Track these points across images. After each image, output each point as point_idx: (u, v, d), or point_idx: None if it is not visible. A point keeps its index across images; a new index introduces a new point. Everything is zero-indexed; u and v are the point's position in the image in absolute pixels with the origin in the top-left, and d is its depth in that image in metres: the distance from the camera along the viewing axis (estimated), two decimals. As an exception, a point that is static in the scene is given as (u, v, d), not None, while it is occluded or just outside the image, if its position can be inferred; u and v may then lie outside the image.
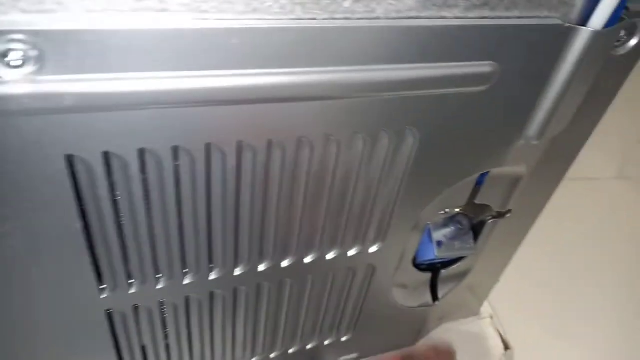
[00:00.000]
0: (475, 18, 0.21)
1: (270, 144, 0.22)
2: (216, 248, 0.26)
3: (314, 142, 0.22)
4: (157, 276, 0.26)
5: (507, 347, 0.45)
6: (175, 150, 0.21)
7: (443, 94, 0.23)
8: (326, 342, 0.37)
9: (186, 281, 0.26)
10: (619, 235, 0.58)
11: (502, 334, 0.46)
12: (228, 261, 0.27)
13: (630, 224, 0.60)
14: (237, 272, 0.27)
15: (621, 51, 0.27)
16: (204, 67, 0.18)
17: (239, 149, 0.22)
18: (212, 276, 0.27)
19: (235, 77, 0.19)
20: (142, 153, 0.20)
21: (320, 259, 0.29)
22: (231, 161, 0.22)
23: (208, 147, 0.21)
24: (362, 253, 0.30)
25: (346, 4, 0.19)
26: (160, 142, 0.20)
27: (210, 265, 0.27)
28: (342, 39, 0.19)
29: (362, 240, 0.30)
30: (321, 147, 0.23)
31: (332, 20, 0.19)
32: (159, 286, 0.26)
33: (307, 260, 0.29)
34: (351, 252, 0.30)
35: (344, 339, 0.37)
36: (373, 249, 0.30)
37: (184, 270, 0.26)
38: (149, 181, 0.21)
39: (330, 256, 0.29)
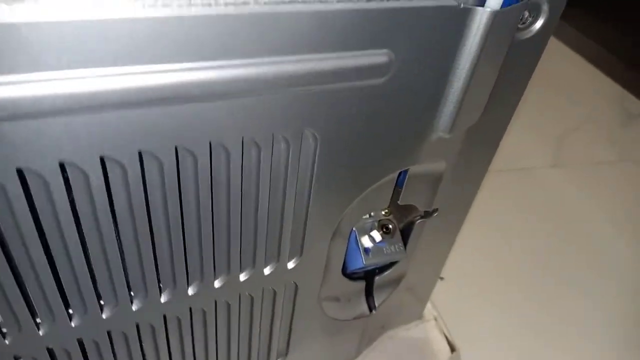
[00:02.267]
0: (363, 1, 0.19)
1: (141, 155, 0.19)
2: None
3: (195, 152, 0.20)
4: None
5: (452, 349, 0.43)
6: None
7: (338, 88, 0.21)
8: (257, 368, 0.34)
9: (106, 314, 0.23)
10: (558, 224, 0.58)
11: (448, 336, 0.44)
12: (121, 296, 0.23)
13: (568, 212, 0.60)
14: (134, 307, 0.24)
15: (527, 34, 0.26)
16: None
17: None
18: (105, 314, 0.24)
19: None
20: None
21: (232, 281, 0.26)
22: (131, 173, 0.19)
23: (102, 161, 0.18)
24: (279, 270, 0.28)
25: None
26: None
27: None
28: (204, 29, 0.17)
29: (277, 257, 0.27)
30: (205, 155, 0.20)
31: (188, 9, 0.16)
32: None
33: (217, 284, 0.26)
34: (267, 271, 0.27)
35: (276, 362, 0.35)
36: (291, 265, 0.28)
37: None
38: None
39: (243, 277, 0.27)
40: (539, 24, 0.26)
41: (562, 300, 0.50)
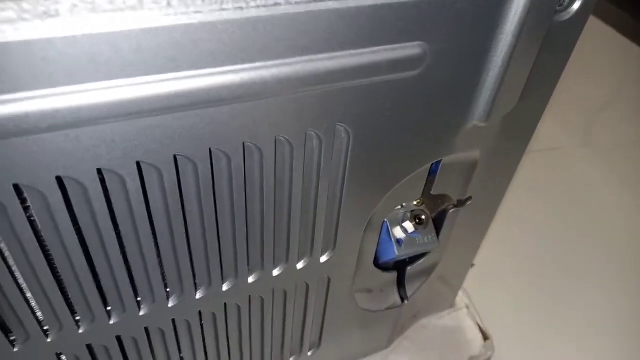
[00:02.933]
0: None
1: (176, 159, 0.19)
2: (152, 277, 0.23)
3: (229, 152, 0.20)
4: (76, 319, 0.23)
5: (485, 337, 0.43)
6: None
7: (372, 83, 0.20)
8: (291, 359, 0.34)
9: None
10: (588, 208, 0.57)
11: (480, 324, 0.44)
12: (158, 294, 0.24)
13: (598, 192, 0.59)
14: (170, 304, 0.24)
15: (565, 16, 0.25)
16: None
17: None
18: (143, 311, 0.24)
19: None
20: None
21: (265, 277, 0.26)
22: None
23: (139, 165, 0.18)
24: (312, 264, 0.28)
25: (236, -9, 0.16)
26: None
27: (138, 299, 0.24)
28: (236, 33, 0.16)
29: (310, 251, 0.27)
30: (239, 155, 0.20)
31: (220, 13, 0.16)
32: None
33: (251, 279, 0.26)
34: (300, 265, 0.27)
35: (309, 353, 0.35)
36: (324, 259, 0.28)
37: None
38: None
39: (276, 272, 0.27)
40: (577, 5, 0.25)
41: (596, 288, 0.49)
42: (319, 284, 0.29)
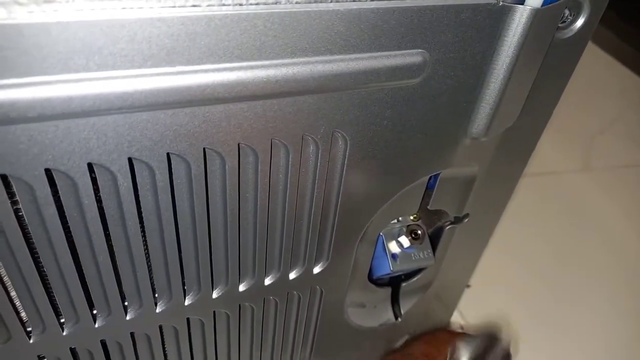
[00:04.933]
0: (398, 0, 0.19)
1: (169, 157, 0.19)
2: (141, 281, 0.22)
3: (223, 154, 0.19)
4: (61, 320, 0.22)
5: (480, 359, 0.42)
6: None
7: (371, 89, 0.20)
8: (280, 374, 0.34)
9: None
10: (587, 231, 0.56)
11: (475, 345, 0.43)
12: (146, 299, 0.23)
13: (597, 217, 0.58)
14: (158, 309, 0.24)
15: (568, 33, 0.25)
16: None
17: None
18: (129, 316, 0.23)
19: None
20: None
21: (256, 285, 0.26)
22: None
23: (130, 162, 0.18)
24: (305, 275, 0.27)
25: (237, -12, 0.16)
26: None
27: (125, 304, 0.23)
28: (234, 29, 0.16)
29: (303, 261, 0.26)
30: (234, 157, 0.20)
31: (219, 8, 0.16)
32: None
33: (242, 287, 0.25)
34: (292, 275, 0.27)
35: (300, 368, 0.34)
36: (317, 270, 0.27)
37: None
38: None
39: (268, 281, 0.26)
40: (579, 22, 0.25)
41: (591, 308, 0.48)
42: (311, 296, 0.29)
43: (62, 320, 0.22)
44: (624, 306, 0.49)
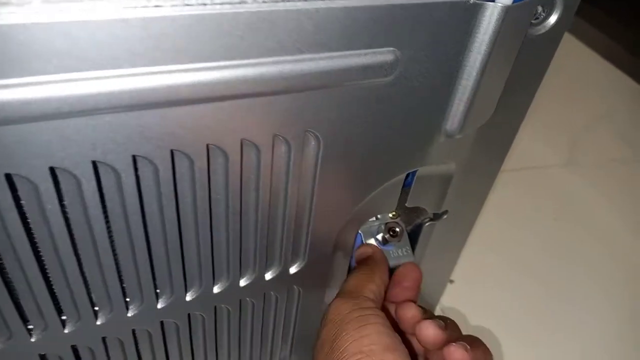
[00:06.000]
0: (367, -2, 0.18)
1: (135, 159, 0.18)
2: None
3: (191, 155, 0.19)
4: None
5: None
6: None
7: (342, 89, 0.20)
8: (260, 374, 0.33)
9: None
10: (572, 225, 0.57)
11: (456, 340, 0.43)
12: (116, 302, 0.23)
13: (581, 212, 0.59)
14: (130, 313, 0.23)
15: (541, 30, 0.25)
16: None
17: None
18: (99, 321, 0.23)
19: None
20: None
21: (231, 287, 0.25)
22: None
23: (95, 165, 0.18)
24: (282, 275, 0.27)
25: (200, -14, 0.15)
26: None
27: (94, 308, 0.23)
28: (198, 30, 0.16)
29: (279, 261, 0.26)
30: (202, 158, 0.19)
31: (182, 8, 0.15)
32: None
33: (217, 289, 0.25)
34: (268, 276, 0.26)
35: (279, 368, 0.34)
36: (294, 270, 0.27)
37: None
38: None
39: (244, 282, 0.26)
40: (553, 19, 0.25)
41: (583, 309, 0.48)
42: (289, 296, 0.29)
43: (31, 327, 0.22)
44: (612, 298, 0.49)
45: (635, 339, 0.46)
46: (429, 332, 0.26)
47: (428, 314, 0.29)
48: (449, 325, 0.27)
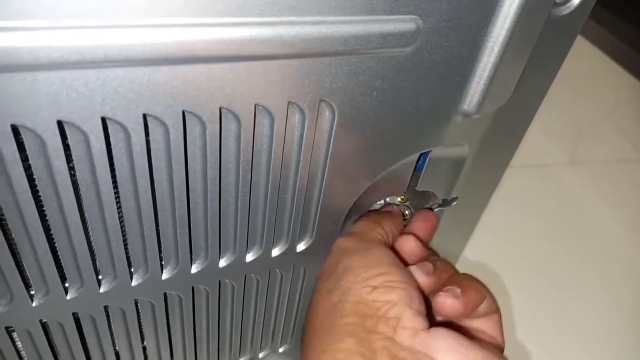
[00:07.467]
0: (391, -38, 0.18)
1: (145, 118, 0.18)
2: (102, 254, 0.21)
3: (203, 118, 0.18)
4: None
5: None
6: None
7: (360, 56, 0.19)
8: (261, 355, 0.33)
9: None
10: (574, 224, 0.56)
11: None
12: (121, 271, 0.22)
13: (584, 211, 0.58)
14: (134, 282, 0.23)
15: (564, 10, 0.24)
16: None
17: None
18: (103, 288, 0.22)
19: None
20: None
21: (237, 262, 0.25)
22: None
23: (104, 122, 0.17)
24: (288, 253, 0.26)
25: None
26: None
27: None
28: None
29: (286, 238, 0.26)
30: (214, 122, 0.19)
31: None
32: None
33: (222, 263, 0.25)
34: (275, 252, 0.26)
35: (281, 349, 0.33)
36: (301, 247, 0.26)
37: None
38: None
39: (250, 257, 0.25)
40: (577, 0, 0.24)
41: (588, 304, 0.48)
42: (294, 275, 0.28)
43: (67, 285, 0.21)
44: (614, 295, 0.49)
45: (636, 338, 0.46)
46: (418, 279, 0.25)
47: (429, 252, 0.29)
48: (438, 267, 0.26)
